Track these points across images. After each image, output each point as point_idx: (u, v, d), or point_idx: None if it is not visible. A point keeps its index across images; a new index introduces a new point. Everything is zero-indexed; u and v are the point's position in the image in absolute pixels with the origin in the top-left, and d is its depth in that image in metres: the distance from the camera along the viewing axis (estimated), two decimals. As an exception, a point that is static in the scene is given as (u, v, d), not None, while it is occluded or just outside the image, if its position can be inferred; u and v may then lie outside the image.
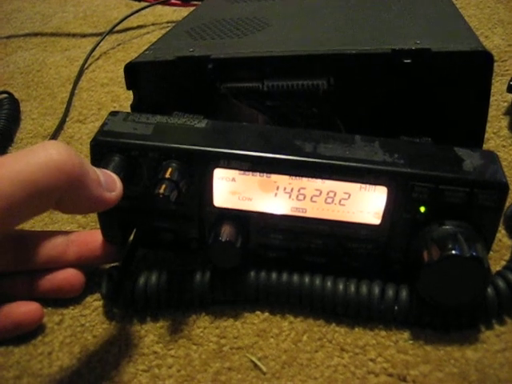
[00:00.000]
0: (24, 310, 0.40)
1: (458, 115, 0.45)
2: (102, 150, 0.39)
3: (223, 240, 0.38)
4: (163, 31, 0.89)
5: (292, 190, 0.39)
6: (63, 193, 0.32)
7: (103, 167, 0.37)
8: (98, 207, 0.36)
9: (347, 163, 0.37)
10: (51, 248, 0.42)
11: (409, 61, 0.42)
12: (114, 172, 0.37)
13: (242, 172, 0.38)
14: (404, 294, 0.39)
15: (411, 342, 0.39)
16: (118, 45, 0.87)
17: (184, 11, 0.85)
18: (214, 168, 0.38)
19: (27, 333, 0.41)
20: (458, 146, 0.39)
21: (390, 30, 0.49)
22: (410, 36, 0.45)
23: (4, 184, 0.29)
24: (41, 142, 0.33)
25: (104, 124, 0.40)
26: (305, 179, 0.38)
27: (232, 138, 0.39)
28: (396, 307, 0.39)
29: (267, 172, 0.38)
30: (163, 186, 0.36)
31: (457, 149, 0.39)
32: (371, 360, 0.38)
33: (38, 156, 0.31)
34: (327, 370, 0.38)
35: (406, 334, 0.39)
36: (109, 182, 0.36)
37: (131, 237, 0.44)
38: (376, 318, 0.40)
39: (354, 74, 0.45)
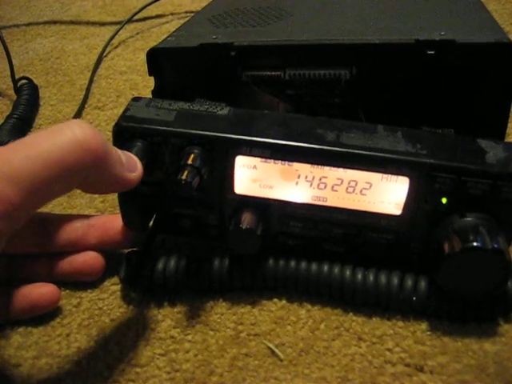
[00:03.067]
0: (41, 291, 0.41)
1: (481, 107, 0.45)
2: (124, 135, 0.39)
3: (244, 227, 0.39)
4: (182, 21, 0.88)
5: (313, 178, 0.39)
6: (88, 171, 0.32)
7: None
8: (119, 187, 0.36)
9: (369, 153, 0.37)
10: (71, 231, 0.42)
11: (432, 52, 0.42)
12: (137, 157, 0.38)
13: (263, 160, 0.38)
14: (423, 284, 0.39)
15: (429, 333, 0.39)
16: (137, 34, 0.87)
17: (203, 1, 0.85)
18: (236, 155, 0.39)
19: (46, 314, 0.41)
20: (481, 138, 0.39)
21: (413, 20, 0.49)
22: (434, 27, 0.45)
23: (34, 164, 0.30)
24: (65, 121, 0.33)
25: (126, 109, 0.40)
26: (326, 168, 0.38)
27: (254, 125, 0.39)
28: (414, 298, 0.39)
29: (289, 160, 0.38)
30: (186, 172, 0.36)
31: (480, 140, 0.39)
32: (388, 350, 0.38)
33: (64, 135, 0.31)
34: (344, 359, 0.38)
35: (424, 325, 0.39)
36: (130, 163, 0.36)
37: (151, 222, 0.44)
38: (394, 308, 0.40)
39: (376, 64, 0.44)
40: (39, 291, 0.41)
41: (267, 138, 0.38)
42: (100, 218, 0.44)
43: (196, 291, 0.42)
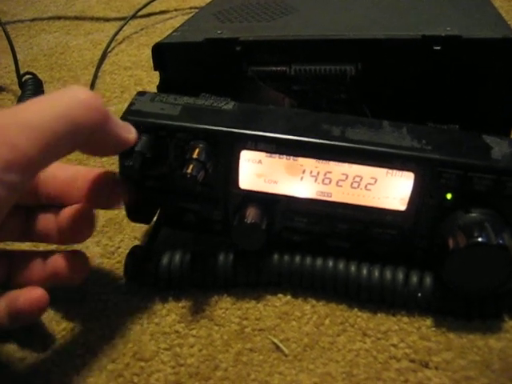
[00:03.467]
0: (25, 297, 0.38)
1: (487, 103, 0.45)
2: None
3: (248, 222, 0.39)
4: (186, 17, 0.89)
5: (318, 173, 0.39)
6: (93, 129, 0.33)
7: None
8: (120, 146, 0.37)
9: (375, 148, 0.37)
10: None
11: (438, 47, 0.42)
12: (141, 152, 0.38)
13: (268, 154, 0.38)
14: (428, 280, 0.39)
15: (434, 329, 0.39)
16: (141, 29, 0.87)
17: (207, -3, 0.85)
18: (241, 150, 0.39)
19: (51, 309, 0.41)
20: (486, 134, 0.39)
21: (420, 16, 0.49)
22: (440, 23, 0.45)
23: (42, 118, 0.30)
24: (66, 87, 0.33)
25: (131, 104, 0.41)
26: (331, 163, 0.38)
27: (259, 120, 0.39)
28: (419, 294, 0.39)
29: (294, 155, 0.38)
30: (191, 166, 0.36)
31: (485, 136, 0.39)
32: (393, 345, 0.38)
33: (68, 95, 0.32)
34: (349, 354, 0.38)
35: (429, 321, 0.39)
36: (125, 125, 0.37)
37: (155, 217, 0.44)
38: (399, 304, 0.40)
39: (382, 60, 0.44)
40: (24, 297, 0.38)
41: (272, 132, 0.38)
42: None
43: (200, 286, 0.42)
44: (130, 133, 0.37)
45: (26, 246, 0.44)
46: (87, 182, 0.40)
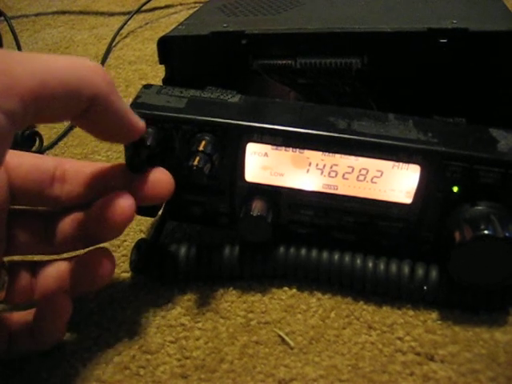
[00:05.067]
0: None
1: (493, 96, 0.44)
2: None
3: (254, 214, 0.39)
4: (190, 11, 0.89)
5: (324, 166, 0.39)
6: (96, 93, 0.31)
7: None
8: (127, 130, 0.35)
9: (381, 140, 0.37)
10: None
11: (445, 40, 0.42)
12: (148, 143, 0.38)
13: (274, 147, 0.38)
14: (434, 273, 0.39)
15: (439, 322, 0.39)
16: (146, 24, 0.87)
17: (212, -9, 0.85)
18: (247, 142, 0.38)
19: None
20: (493, 127, 0.39)
21: (426, 9, 0.48)
22: (446, 16, 0.45)
23: (49, 62, 0.29)
24: None
25: (137, 96, 0.41)
26: (338, 156, 0.38)
27: (266, 112, 0.39)
28: (425, 287, 0.39)
29: (300, 147, 0.38)
30: (197, 159, 0.36)
31: (491, 129, 0.39)
32: (399, 338, 0.38)
33: (77, 57, 0.31)
34: (355, 347, 0.38)
35: (435, 314, 0.39)
36: (135, 114, 0.35)
37: (161, 210, 0.44)
38: (405, 297, 0.40)
39: (388, 53, 0.44)
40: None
41: (278, 125, 0.38)
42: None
43: (206, 279, 0.42)
44: (139, 119, 0.35)
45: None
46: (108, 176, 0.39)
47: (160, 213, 0.44)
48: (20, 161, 0.38)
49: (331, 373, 0.36)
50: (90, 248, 0.39)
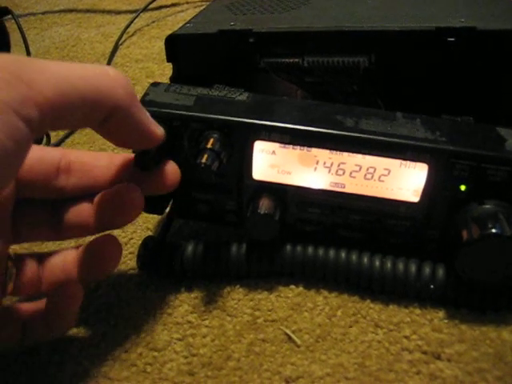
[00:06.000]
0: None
1: (501, 95, 0.44)
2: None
3: (262, 212, 0.39)
4: (197, 9, 0.89)
5: (332, 164, 0.39)
6: (116, 104, 0.32)
7: None
8: (146, 138, 0.35)
9: (389, 139, 0.37)
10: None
11: (453, 39, 0.42)
12: None
13: (282, 145, 0.38)
14: (441, 272, 0.39)
15: (446, 321, 0.39)
16: (153, 22, 0.87)
17: (219, -10, 0.85)
18: (255, 140, 0.39)
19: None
20: (501, 126, 0.39)
21: (434, 7, 0.49)
22: (454, 14, 0.45)
23: (69, 71, 0.29)
24: None
25: (146, 94, 0.41)
26: (345, 154, 0.38)
27: (273, 110, 0.39)
28: (432, 286, 0.39)
29: (308, 146, 0.38)
30: (205, 156, 0.37)
31: (499, 128, 0.39)
32: (405, 337, 0.38)
33: (99, 67, 0.31)
34: (361, 345, 0.38)
35: (441, 313, 0.39)
36: (155, 121, 0.36)
37: (168, 207, 0.44)
38: (411, 295, 0.40)
39: (396, 52, 0.44)
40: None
41: (286, 123, 0.38)
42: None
43: (213, 277, 0.42)
44: (158, 127, 0.36)
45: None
46: (116, 165, 0.39)
47: (167, 210, 0.44)
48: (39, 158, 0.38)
49: (338, 371, 0.36)
50: (96, 236, 0.39)
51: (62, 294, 0.37)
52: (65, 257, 0.39)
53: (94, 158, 0.40)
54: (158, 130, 0.36)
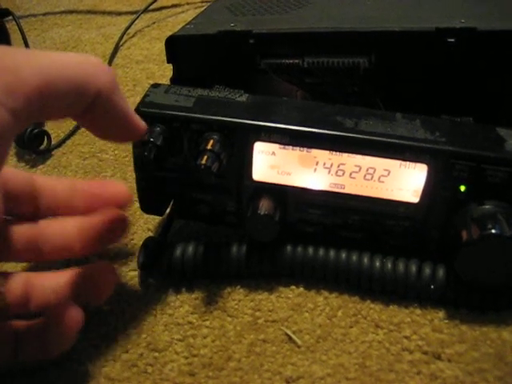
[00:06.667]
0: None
1: (501, 96, 0.44)
2: (144, 120, 0.39)
3: (262, 213, 0.39)
4: (197, 10, 0.89)
5: (331, 165, 0.39)
6: (99, 90, 0.31)
7: None
8: (128, 130, 0.35)
9: (388, 139, 0.37)
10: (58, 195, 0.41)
11: (453, 40, 0.42)
12: (156, 143, 0.38)
13: (282, 146, 0.38)
14: (441, 273, 0.39)
15: (446, 321, 0.39)
16: (153, 23, 0.87)
17: (219, -9, 0.85)
18: (255, 141, 0.39)
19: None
20: (500, 127, 0.39)
21: (434, 8, 0.49)
22: (454, 15, 0.45)
23: (51, 58, 0.29)
24: None
25: (146, 95, 0.41)
26: (345, 155, 0.38)
27: (273, 112, 0.39)
28: (432, 286, 0.39)
29: (307, 146, 0.38)
30: (205, 157, 0.37)
31: (499, 129, 0.39)
32: (406, 337, 0.38)
33: (82, 55, 0.32)
34: (362, 346, 0.38)
35: (442, 314, 0.39)
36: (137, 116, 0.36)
37: (168, 208, 0.44)
38: (412, 296, 0.40)
39: (396, 53, 0.44)
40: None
41: (286, 124, 0.38)
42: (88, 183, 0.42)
43: (213, 277, 0.42)
44: (140, 120, 0.35)
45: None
46: (88, 196, 0.40)
47: (167, 211, 0.44)
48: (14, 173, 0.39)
49: (338, 371, 0.36)
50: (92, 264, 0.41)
51: (60, 319, 0.36)
52: (57, 279, 0.39)
53: (69, 183, 0.41)
54: (141, 123, 0.35)
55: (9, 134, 0.28)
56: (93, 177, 0.54)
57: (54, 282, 0.39)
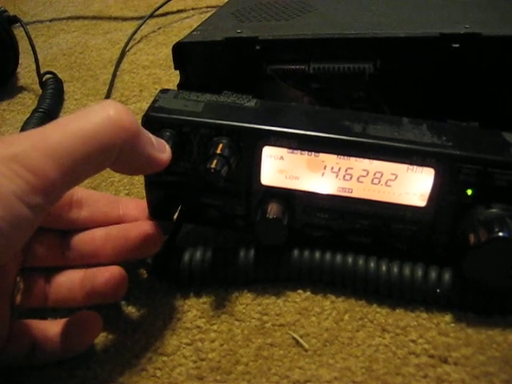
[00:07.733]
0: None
1: (507, 100, 0.45)
2: (154, 125, 0.39)
3: (270, 217, 0.39)
4: (203, 16, 0.89)
5: (339, 169, 0.39)
6: (122, 148, 0.32)
7: None
8: (151, 167, 0.36)
9: (396, 144, 0.37)
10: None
11: (457, 45, 0.42)
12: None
13: (290, 150, 0.39)
14: (447, 276, 0.39)
15: (453, 324, 0.39)
16: (159, 28, 0.87)
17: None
18: (263, 146, 0.39)
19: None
20: (506, 131, 0.39)
21: (438, 13, 0.49)
22: (459, 20, 0.45)
23: (71, 140, 0.30)
24: (98, 101, 0.33)
25: (155, 101, 0.41)
26: (352, 159, 0.38)
27: (282, 116, 0.40)
28: (438, 290, 0.39)
29: (315, 151, 0.38)
30: (215, 161, 0.37)
31: (505, 133, 0.39)
32: (412, 341, 0.38)
33: (98, 114, 0.32)
34: (368, 350, 0.38)
35: (448, 317, 0.39)
36: (160, 144, 0.36)
37: (177, 213, 0.45)
38: (418, 299, 0.40)
39: (401, 58, 0.45)
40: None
41: (294, 128, 0.38)
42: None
43: (222, 282, 0.43)
44: (163, 152, 0.37)
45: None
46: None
47: (176, 216, 0.45)
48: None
49: (345, 375, 0.37)
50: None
51: (80, 324, 0.38)
52: (71, 276, 0.40)
53: (101, 195, 0.43)
54: (164, 155, 0.37)
55: (29, 226, 0.30)
56: (100, 182, 0.54)
57: (68, 279, 0.40)
